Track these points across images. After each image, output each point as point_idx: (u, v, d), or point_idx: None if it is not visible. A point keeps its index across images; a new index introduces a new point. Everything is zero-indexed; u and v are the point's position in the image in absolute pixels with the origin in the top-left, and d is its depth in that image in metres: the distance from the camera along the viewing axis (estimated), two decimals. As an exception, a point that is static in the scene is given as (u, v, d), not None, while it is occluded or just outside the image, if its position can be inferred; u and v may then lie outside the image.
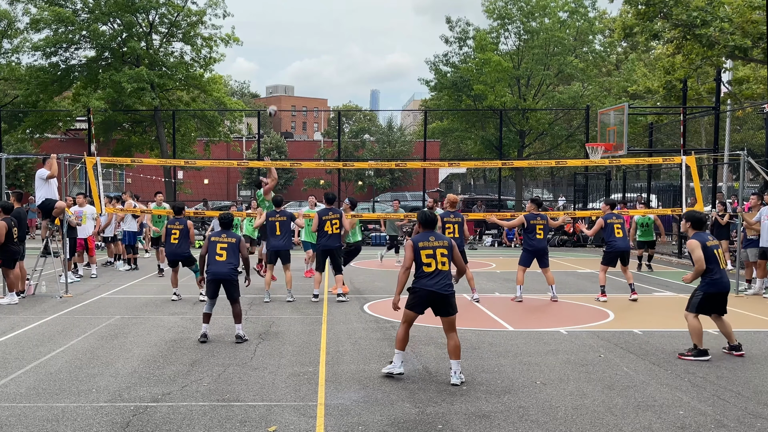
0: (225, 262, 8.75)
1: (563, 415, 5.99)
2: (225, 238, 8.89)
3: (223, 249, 8.79)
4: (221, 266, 8.74)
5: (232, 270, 8.78)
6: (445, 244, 7.11)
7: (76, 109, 30.45)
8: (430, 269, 6.98)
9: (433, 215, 7.37)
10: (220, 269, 8.74)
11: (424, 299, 7.01)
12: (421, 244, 7.05)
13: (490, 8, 35.13)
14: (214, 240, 8.86)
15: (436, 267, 6.98)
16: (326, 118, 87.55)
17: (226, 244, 8.82)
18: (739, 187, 14.53)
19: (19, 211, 12.40)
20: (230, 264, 8.78)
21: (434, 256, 7.00)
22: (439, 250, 7.04)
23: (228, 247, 8.81)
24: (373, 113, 70.63)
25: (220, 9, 31.75)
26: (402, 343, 7.12)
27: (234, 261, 8.83)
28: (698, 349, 8.01)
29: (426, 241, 7.08)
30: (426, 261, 6.99)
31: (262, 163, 17.28)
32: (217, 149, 38.45)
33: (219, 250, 8.78)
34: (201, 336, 8.75)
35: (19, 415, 5.92)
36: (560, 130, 36.11)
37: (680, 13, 20.54)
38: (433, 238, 7.11)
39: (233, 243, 8.85)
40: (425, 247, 7.04)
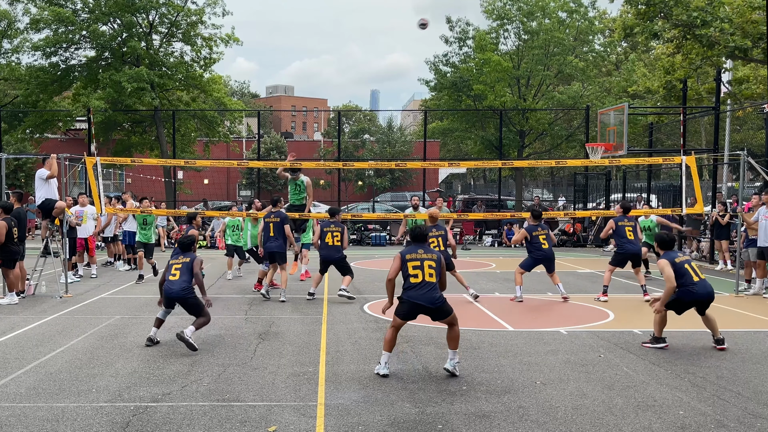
0: (178, 281, 8.47)
1: (563, 415, 5.99)
2: (181, 258, 8.69)
3: (177, 269, 8.56)
4: (174, 284, 8.46)
5: (184, 289, 8.47)
6: (433, 257, 7.30)
7: (76, 109, 30.44)
8: (417, 280, 7.17)
9: (423, 230, 7.57)
10: (172, 287, 8.46)
11: (412, 310, 7.23)
12: (408, 256, 7.26)
13: (489, 8, 35.13)
14: (171, 262, 8.69)
15: (423, 278, 7.16)
16: (326, 118, 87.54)
17: (180, 264, 8.60)
18: (739, 187, 14.53)
19: (19, 211, 12.39)
20: (183, 283, 8.48)
21: (421, 268, 7.20)
22: (427, 262, 7.24)
23: (182, 266, 8.58)
24: (373, 113, 70.64)
25: (219, 8, 31.76)
26: (389, 345, 7.27)
27: (187, 280, 8.54)
28: (655, 337, 8.54)
29: (414, 253, 7.29)
30: (413, 272, 7.18)
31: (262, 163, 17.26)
32: (217, 149, 38.45)
33: (173, 270, 8.59)
34: (147, 340, 8.55)
35: (19, 415, 5.92)
36: (560, 130, 36.11)
37: (680, 13, 20.53)
38: (422, 251, 7.32)
39: (187, 262, 8.62)
40: (413, 259, 7.25)
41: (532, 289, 13.62)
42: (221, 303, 11.70)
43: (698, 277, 8.44)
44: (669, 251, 8.63)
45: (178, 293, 8.42)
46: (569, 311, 11.42)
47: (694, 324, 10.21)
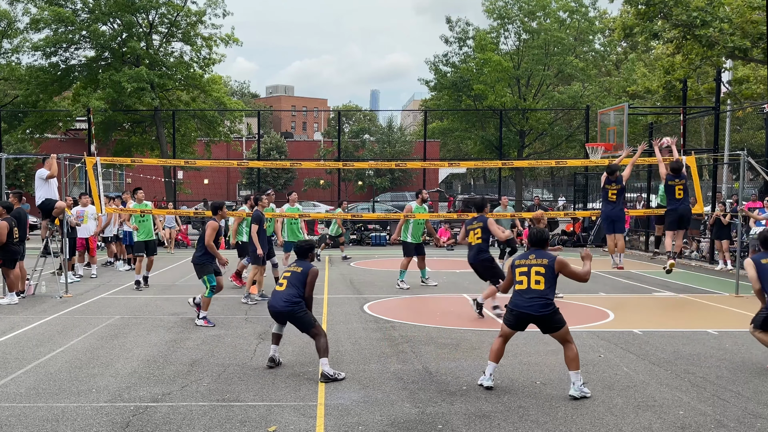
0: (284, 294, 7.33)
1: (563, 415, 5.99)
2: (293, 267, 7.55)
3: (285, 278, 7.44)
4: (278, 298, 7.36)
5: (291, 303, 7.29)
6: (544, 262, 6.69)
7: (76, 109, 30.45)
8: (522, 287, 6.69)
9: (543, 233, 6.97)
10: (274, 302, 7.41)
11: (520, 319, 6.75)
12: (517, 262, 6.81)
13: (490, 8, 35.15)
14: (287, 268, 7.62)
15: (528, 285, 6.64)
16: (326, 118, 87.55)
17: (290, 273, 7.47)
18: (739, 187, 14.53)
19: (19, 212, 12.40)
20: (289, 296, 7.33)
21: (528, 274, 6.66)
22: (535, 268, 6.66)
23: (291, 276, 7.42)
24: (373, 113, 70.64)
25: (219, 8, 31.78)
26: (495, 355, 6.84)
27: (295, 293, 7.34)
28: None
29: (525, 258, 6.80)
30: (519, 279, 6.73)
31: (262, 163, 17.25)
32: (217, 149, 38.47)
33: (282, 279, 7.51)
34: (269, 360, 7.56)
35: (19, 415, 5.92)
36: (560, 130, 36.12)
37: (680, 13, 20.54)
38: (533, 257, 6.76)
39: (298, 273, 7.43)
40: (521, 265, 6.78)
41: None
42: (221, 303, 11.69)
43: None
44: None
45: (283, 308, 7.28)
46: (569, 311, 11.38)
47: (694, 324, 10.23)
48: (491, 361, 6.82)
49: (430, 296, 13.04)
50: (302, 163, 31.35)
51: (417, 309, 11.64)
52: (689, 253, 20.64)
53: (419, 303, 12.33)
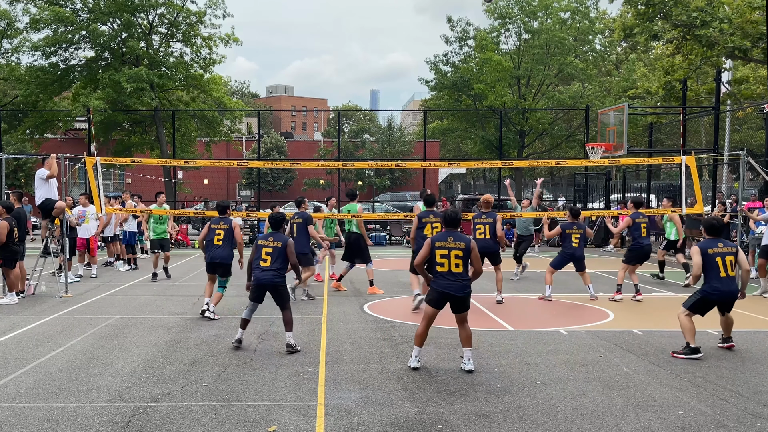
0: (269, 268, 8.21)
1: (563, 415, 5.99)
2: (272, 241, 8.31)
3: (269, 254, 8.24)
4: (265, 272, 8.21)
5: (275, 275, 8.22)
6: (461, 246, 7.24)
7: (76, 109, 30.45)
8: (443, 269, 7.21)
9: (455, 214, 7.51)
10: (262, 276, 8.21)
11: (442, 298, 7.28)
12: (437, 244, 7.26)
13: (491, 8, 35.14)
14: (261, 244, 8.34)
15: (449, 268, 7.20)
16: (326, 118, 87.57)
17: (271, 248, 8.25)
18: (739, 187, 14.54)
19: (19, 212, 12.39)
20: (275, 269, 8.23)
21: (448, 257, 7.20)
22: (454, 252, 7.21)
23: (273, 251, 8.24)
24: (373, 113, 70.64)
25: (220, 9, 31.79)
26: (420, 339, 7.48)
27: (280, 266, 8.25)
28: (690, 347, 8.08)
29: (444, 240, 7.27)
30: (440, 261, 7.21)
31: (262, 163, 17.26)
32: (217, 149, 38.49)
33: (264, 255, 8.26)
34: (235, 341, 8.36)
35: (19, 415, 5.92)
36: (560, 130, 36.12)
37: (680, 13, 20.54)
38: (452, 239, 7.27)
39: (279, 247, 8.25)
40: (441, 246, 7.25)
41: (532, 290, 13.63)
42: (221, 303, 11.68)
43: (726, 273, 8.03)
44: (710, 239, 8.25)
45: (270, 280, 8.20)
46: (569, 311, 11.42)
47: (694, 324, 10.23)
48: (416, 346, 7.47)
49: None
50: (302, 163, 31.40)
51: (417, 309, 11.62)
52: (689, 253, 20.63)
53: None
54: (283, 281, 8.31)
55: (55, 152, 13.72)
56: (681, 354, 8.03)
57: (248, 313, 8.43)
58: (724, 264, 8.04)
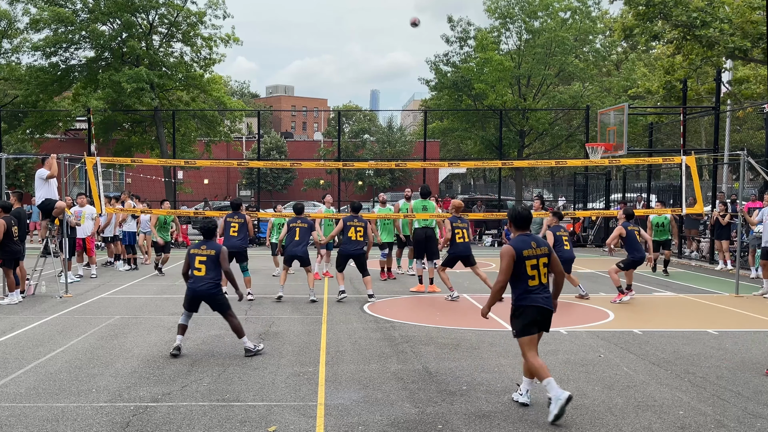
0: (203, 277, 8.01)
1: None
2: (205, 250, 8.10)
3: (202, 263, 8.03)
4: (200, 283, 7.99)
5: (211, 285, 8.01)
6: (545, 251, 6.05)
7: (76, 109, 30.45)
8: (534, 282, 5.95)
9: (527, 212, 6.16)
10: (197, 286, 8.00)
11: (538, 316, 6.00)
12: (526, 253, 5.92)
13: (491, 7, 35.14)
14: (193, 253, 8.11)
15: (539, 281, 5.97)
16: (326, 118, 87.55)
17: (205, 257, 8.03)
18: (739, 187, 14.54)
19: (19, 211, 12.39)
20: (209, 278, 8.01)
21: (537, 267, 5.96)
22: (542, 259, 6.00)
23: (207, 260, 8.03)
24: (373, 113, 70.64)
25: (220, 10, 31.79)
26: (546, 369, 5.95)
27: (215, 275, 8.06)
28: None
29: (529, 248, 5.95)
30: (531, 273, 5.92)
31: (262, 163, 17.24)
32: (217, 149, 38.51)
33: (197, 264, 8.04)
34: (174, 349, 7.97)
35: (19, 415, 5.92)
36: (560, 130, 36.12)
37: (680, 13, 20.52)
38: (535, 244, 6.01)
39: (213, 255, 8.06)
40: (530, 256, 5.93)
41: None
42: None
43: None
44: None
45: (206, 290, 7.96)
46: (569, 311, 11.42)
47: (694, 324, 10.23)
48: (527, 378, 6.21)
49: (430, 296, 13.05)
50: (302, 163, 31.36)
51: (417, 309, 11.64)
52: (689, 253, 20.65)
53: (419, 303, 12.33)
54: (219, 290, 8.04)
55: (55, 152, 13.72)
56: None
57: (185, 318, 8.13)
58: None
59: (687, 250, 20.86)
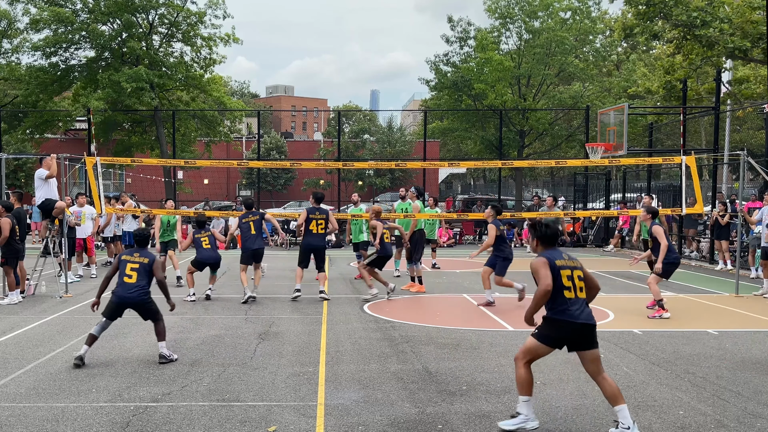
0: (134, 285, 7.68)
1: (563, 415, 5.99)
2: (138, 257, 7.82)
3: (134, 270, 7.72)
4: (130, 289, 7.67)
5: (141, 293, 7.71)
6: (578, 264, 5.79)
7: (76, 110, 30.46)
8: (571, 294, 5.62)
9: (556, 229, 5.93)
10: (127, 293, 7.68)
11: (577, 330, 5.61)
12: (559, 263, 5.68)
13: (492, 7, 35.15)
14: (125, 259, 7.83)
15: (575, 293, 5.65)
16: (326, 118, 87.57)
17: (137, 264, 7.76)
18: (739, 187, 14.54)
19: (19, 211, 12.39)
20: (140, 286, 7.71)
21: (572, 278, 5.68)
22: (577, 272, 5.72)
23: (140, 267, 7.74)
24: (373, 113, 70.65)
25: (220, 10, 31.80)
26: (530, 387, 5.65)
27: (146, 282, 7.77)
28: None
29: (562, 259, 5.72)
30: (566, 284, 5.64)
31: (262, 163, 17.23)
32: (217, 149, 38.51)
33: (128, 271, 7.73)
34: (76, 358, 7.47)
35: (19, 415, 5.92)
36: (560, 130, 36.13)
37: (680, 13, 20.53)
38: (567, 257, 5.79)
39: (146, 263, 7.79)
40: (564, 266, 5.67)
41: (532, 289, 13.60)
42: (221, 303, 11.70)
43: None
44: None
45: (135, 298, 7.66)
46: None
47: (694, 324, 10.23)
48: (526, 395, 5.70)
49: (430, 296, 13.05)
50: (302, 163, 31.38)
51: (417, 309, 11.64)
52: (689, 253, 20.65)
53: (419, 303, 12.33)
54: (149, 297, 7.76)
55: (55, 152, 13.71)
56: None
57: (99, 329, 7.69)
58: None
59: (687, 250, 20.86)
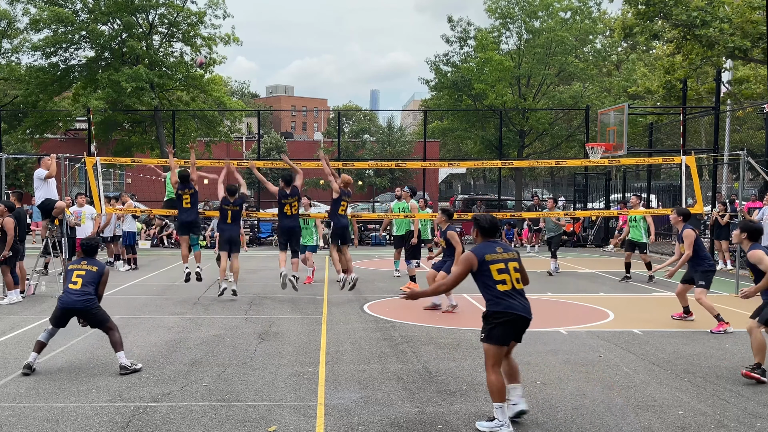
0: (79, 291, 7.46)
1: (563, 415, 5.99)
2: (86, 265, 7.62)
3: (80, 276, 7.52)
4: (74, 296, 7.46)
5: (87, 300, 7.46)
6: (515, 256, 5.85)
7: (76, 109, 30.45)
8: (506, 287, 5.68)
9: (494, 219, 5.99)
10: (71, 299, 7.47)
11: (516, 324, 5.70)
12: (489, 257, 5.71)
13: (492, 7, 35.14)
14: (72, 268, 7.69)
15: (512, 285, 5.70)
16: (326, 118, 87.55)
17: (84, 272, 7.55)
18: (739, 187, 14.54)
19: (19, 212, 12.39)
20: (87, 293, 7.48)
21: (507, 271, 5.71)
22: (512, 263, 5.77)
23: (87, 275, 7.53)
24: (373, 113, 70.63)
25: (220, 10, 31.80)
26: (503, 393, 5.62)
27: (92, 290, 7.53)
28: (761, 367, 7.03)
29: (494, 252, 5.75)
30: (499, 278, 5.67)
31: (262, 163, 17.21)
32: (217, 149, 38.49)
33: (74, 278, 7.54)
34: (25, 366, 7.25)
35: (19, 415, 5.92)
36: (560, 130, 36.12)
37: (680, 13, 20.53)
38: (501, 249, 5.81)
39: (94, 272, 7.57)
40: (495, 260, 5.71)
41: (532, 289, 13.60)
42: (221, 303, 11.70)
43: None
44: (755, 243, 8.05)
45: (80, 305, 7.44)
46: (569, 311, 11.42)
47: (694, 324, 10.23)
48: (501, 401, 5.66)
49: (429, 297, 13.03)
50: (302, 163, 31.21)
51: (417, 309, 11.64)
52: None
53: (419, 303, 12.32)
54: (94, 305, 7.50)
55: (55, 152, 13.71)
56: (753, 373, 7.00)
57: (46, 336, 7.55)
58: None
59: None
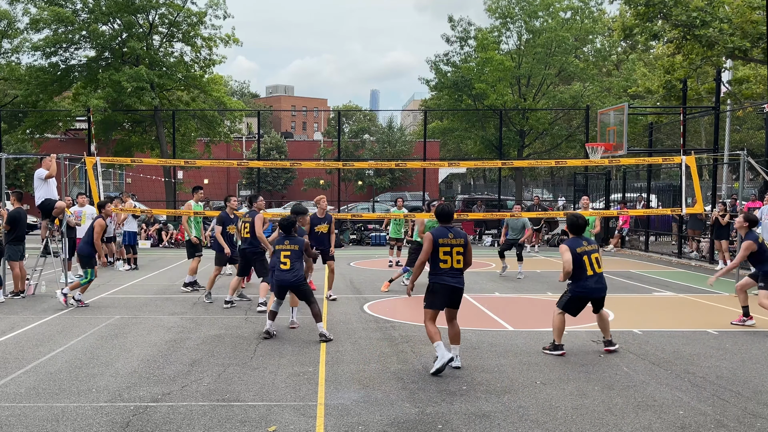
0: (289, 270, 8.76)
1: (563, 415, 5.99)
2: (288, 245, 8.87)
3: (287, 257, 8.79)
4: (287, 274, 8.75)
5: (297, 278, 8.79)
6: (461, 242, 7.33)
7: (76, 109, 30.45)
8: (446, 266, 7.28)
9: (448, 207, 7.56)
10: (285, 278, 8.76)
11: (447, 294, 7.35)
12: (441, 240, 7.27)
13: (492, 7, 35.14)
14: (278, 248, 8.88)
15: (451, 264, 7.27)
16: (326, 118, 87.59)
17: (289, 251, 8.81)
18: (739, 187, 14.54)
19: (19, 211, 12.40)
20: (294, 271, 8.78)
21: (451, 254, 7.27)
22: (456, 248, 7.29)
23: (292, 254, 8.80)
24: (373, 113, 70.63)
25: (220, 10, 31.80)
26: (437, 335, 7.32)
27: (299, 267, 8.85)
28: (554, 344, 8.20)
29: (445, 237, 7.30)
30: (443, 258, 7.25)
31: (262, 163, 17.23)
32: (217, 149, 38.51)
33: (282, 258, 8.79)
34: (264, 333, 8.89)
35: (19, 415, 5.92)
36: (560, 130, 36.12)
37: (680, 13, 20.52)
38: (452, 235, 7.32)
39: (296, 250, 8.84)
40: (444, 243, 7.27)
41: (532, 289, 13.62)
42: (221, 303, 11.70)
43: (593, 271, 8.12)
44: (576, 237, 8.47)
45: (292, 282, 8.74)
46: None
47: (694, 324, 10.23)
48: (438, 341, 7.28)
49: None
50: (302, 163, 31.41)
51: (417, 309, 11.63)
52: (689, 253, 20.65)
53: (419, 303, 12.31)
54: (303, 281, 8.85)
55: (55, 152, 13.72)
56: (548, 350, 8.19)
57: (276, 306, 8.83)
58: (590, 262, 8.15)
59: (687, 250, 20.86)
